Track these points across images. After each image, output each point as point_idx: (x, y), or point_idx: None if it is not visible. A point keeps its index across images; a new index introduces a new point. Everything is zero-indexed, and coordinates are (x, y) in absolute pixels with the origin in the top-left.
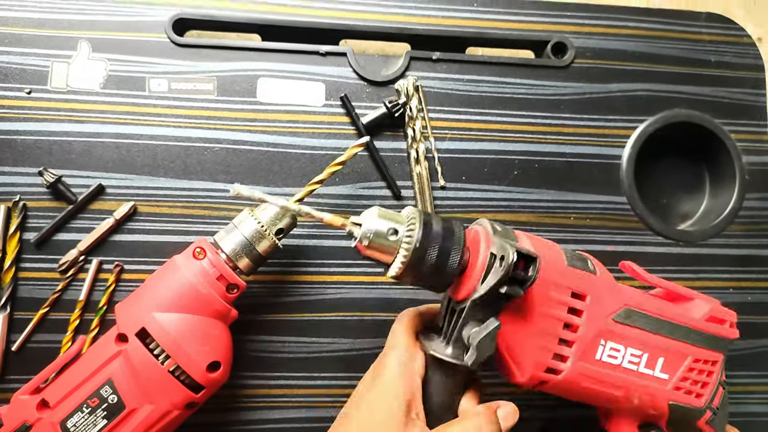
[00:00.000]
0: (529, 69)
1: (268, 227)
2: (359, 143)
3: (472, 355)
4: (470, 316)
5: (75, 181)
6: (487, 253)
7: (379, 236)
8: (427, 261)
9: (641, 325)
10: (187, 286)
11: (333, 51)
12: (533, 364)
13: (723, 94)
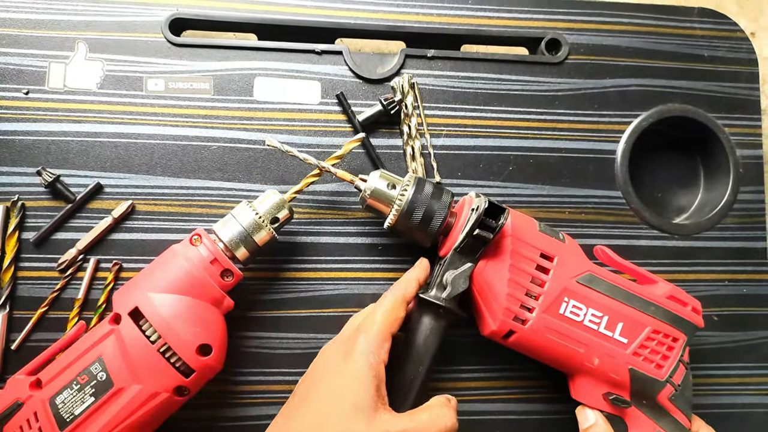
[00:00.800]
0: (523, 65)
1: (265, 218)
2: (355, 139)
3: (448, 290)
4: (451, 264)
5: (73, 181)
6: (468, 210)
7: (378, 191)
8: (414, 218)
9: (603, 289)
10: (181, 268)
11: (329, 50)
12: (503, 311)
13: (716, 88)
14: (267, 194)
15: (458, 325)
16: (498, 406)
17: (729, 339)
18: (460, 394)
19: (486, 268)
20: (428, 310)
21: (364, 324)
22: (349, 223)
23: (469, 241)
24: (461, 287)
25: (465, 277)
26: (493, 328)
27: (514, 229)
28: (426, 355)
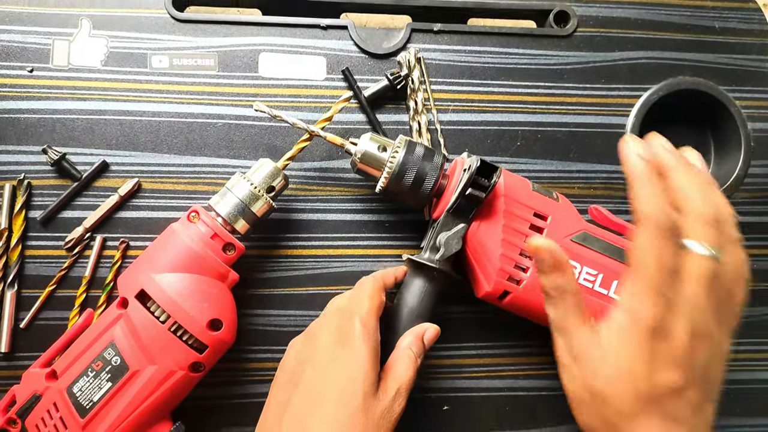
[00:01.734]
0: (531, 39)
1: (261, 188)
2: (343, 99)
3: (441, 251)
4: (444, 226)
5: (79, 159)
6: (460, 171)
7: (369, 154)
8: (406, 180)
9: (597, 248)
10: (182, 246)
11: (334, 24)
12: (497, 272)
13: (728, 60)
14: (260, 164)
15: (465, 301)
16: (507, 382)
17: (746, 314)
18: (468, 371)
19: (479, 229)
20: (421, 273)
21: (353, 307)
22: (357, 200)
23: (462, 201)
24: (454, 248)
25: (458, 238)
26: (487, 289)
27: (506, 189)
28: (420, 318)
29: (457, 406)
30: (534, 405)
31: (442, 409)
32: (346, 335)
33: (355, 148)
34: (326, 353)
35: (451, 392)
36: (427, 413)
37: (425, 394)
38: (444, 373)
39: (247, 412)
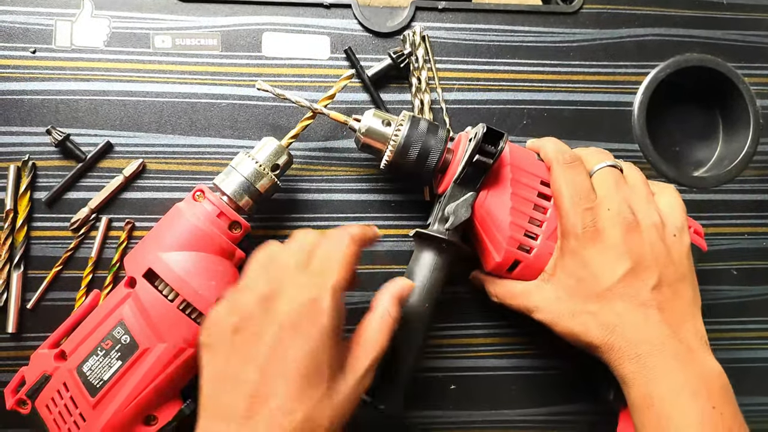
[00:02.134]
0: (537, 16)
1: (266, 166)
2: (345, 76)
3: (450, 220)
4: (451, 197)
5: (83, 140)
6: (465, 143)
7: (373, 130)
8: (410, 156)
9: None
10: (188, 225)
11: (337, 3)
12: (507, 240)
13: (736, 37)
14: (264, 142)
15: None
16: (513, 361)
17: (749, 293)
18: (475, 351)
19: (487, 198)
20: (430, 246)
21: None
22: (363, 180)
23: (469, 170)
24: (464, 216)
25: (467, 206)
26: (497, 260)
27: (512, 158)
28: (430, 293)
29: (464, 386)
30: (541, 384)
31: (449, 388)
32: (313, 310)
33: (359, 124)
34: (288, 327)
35: (457, 372)
36: (433, 393)
37: (432, 373)
38: (451, 353)
39: None
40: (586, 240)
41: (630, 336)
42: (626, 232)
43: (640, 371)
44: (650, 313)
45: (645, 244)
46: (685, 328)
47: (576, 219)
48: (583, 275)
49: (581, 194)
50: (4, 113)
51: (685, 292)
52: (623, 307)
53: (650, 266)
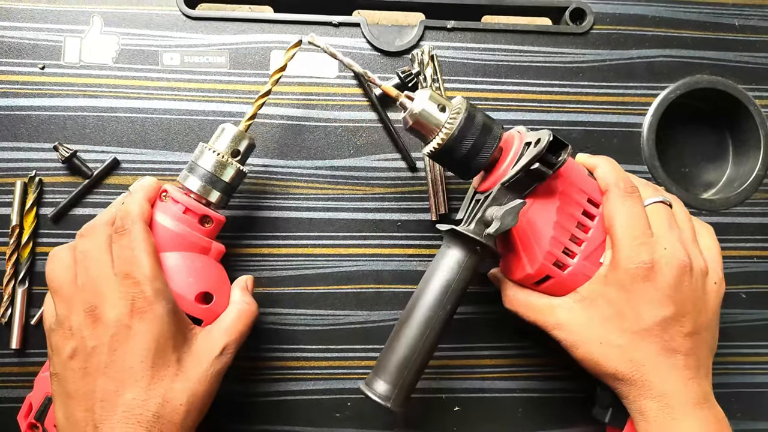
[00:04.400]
0: (546, 36)
1: (226, 155)
2: (293, 44)
3: (495, 225)
4: (495, 200)
5: (90, 156)
6: (521, 144)
7: (427, 114)
8: (461, 148)
9: None
10: (157, 227)
11: (346, 22)
12: (544, 254)
13: (747, 59)
14: (220, 130)
15: (477, 301)
16: (520, 384)
17: (758, 317)
18: (480, 372)
19: (532, 207)
20: (462, 246)
21: (132, 271)
22: (368, 199)
23: (522, 176)
24: (510, 224)
25: (515, 214)
26: (529, 271)
27: (565, 170)
28: (455, 293)
29: (469, 408)
30: (547, 407)
31: (454, 410)
32: (138, 307)
33: (412, 104)
34: (121, 330)
35: (462, 393)
36: (437, 414)
37: (436, 394)
38: (456, 374)
39: (257, 410)
40: (639, 275)
41: (655, 377)
42: (678, 275)
43: (663, 410)
44: (678, 358)
45: (690, 291)
46: (702, 373)
47: (631, 252)
48: (625, 309)
49: (639, 228)
50: (11, 129)
51: (709, 339)
52: (654, 349)
53: (689, 313)
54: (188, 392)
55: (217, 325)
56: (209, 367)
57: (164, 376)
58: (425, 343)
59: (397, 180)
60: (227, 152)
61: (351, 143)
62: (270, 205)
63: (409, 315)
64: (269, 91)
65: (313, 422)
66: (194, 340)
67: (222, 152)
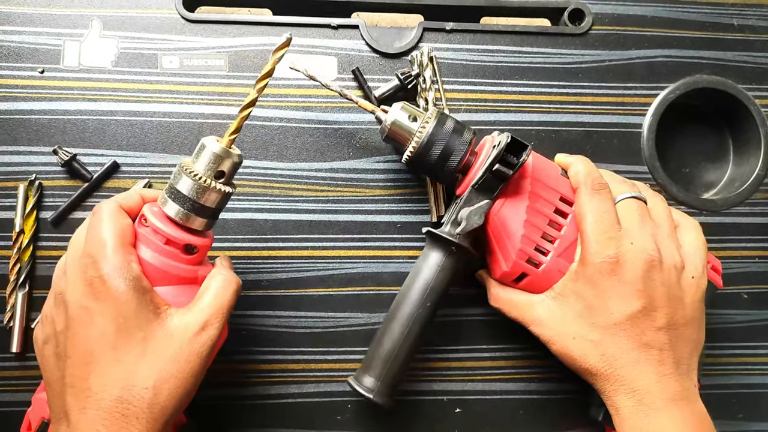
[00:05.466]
0: (545, 37)
1: (207, 177)
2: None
3: (462, 225)
4: (467, 202)
5: (90, 160)
6: (489, 148)
7: (399, 123)
8: (432, 154)
9: None
10: (141, 261)
11: (345, 24)
12: (517, 252)
13: (747, 58)
14: (200, 147)
15: (477, 304)
16: (520, 385)
17: (759, 317)
18: (481, 374)
19: (503, 207)
20: (439, 247)
21: (92, 251)
22: (368, 201)
23: (488, 177)
24: (476, 223)
25: (480, 213)
26: (505, 269)
27: (534, 170)
28: (434, 291)
29: (470, 410)
30: (549, 409)
31: (454, 412)
32: (95, 285)
33: (386, 115)
34: (80, 312)
35: (463, 395)
36: (438, 416)
37: (437, 397)
38: (456, 376)
39: (258, 413)
40: (605, 270)
41: (628, 372)
42: (646, 269)
43: (637, 406)
44: (652, 353)
45: (661, 285)
46: (681, 369)
47: (597, 247)
48: (594, 304)
49: (607, 223)
50: (11, 132)
51: (690, 335)
52: (626, 344)
53: (661, 307)
54: (155, 374)
55: (195, 302)
56: (185, 346)
57: (127, 358)
58: (407, 339)
59: (397, 182)
60: (208, 174)
61: (350, 145)
62: (269, 207)
63: (393, 313)
64: (254, 101)
65: (314, 425)
66: (166, 319)
67: (202, 174)
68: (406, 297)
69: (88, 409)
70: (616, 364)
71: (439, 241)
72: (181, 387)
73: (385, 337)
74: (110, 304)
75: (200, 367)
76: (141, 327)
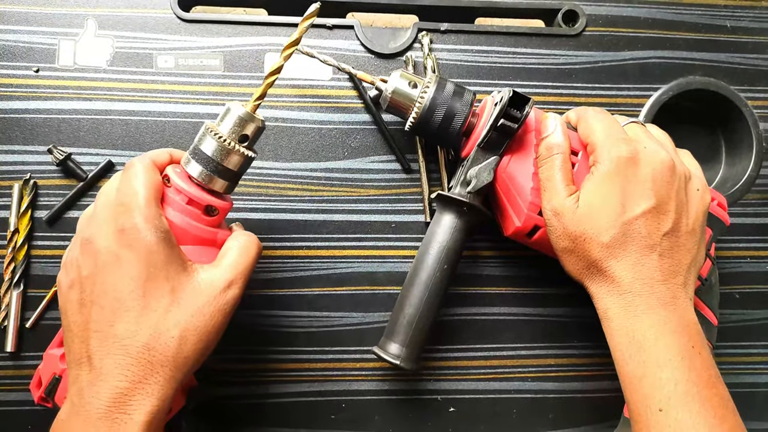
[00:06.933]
0: (539, 38)
1: (231, 140)
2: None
3: (472, 183)
4: (474, 161)
5: (84, 159)
6: (491, 107)
7: (399, 91)
8: (435, 118)
9: None
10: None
11: (340, 24)
12: (528, 204)
13: (739, 60)
14: (226, 110)
15: (472, 303)
16: (514, 384)
17: (751, 317)
18: (475, 374)
19: (510, 163)
20: (451, 209)
21: (126, 200)
22: (362, 201)
23: (493, 134)
24: (486, 179)
25: (490, 169)
26: (517, 224)
27: (538, 124)
28: (449, 253)
29: (464, 409)
30: (541, 408)
31: (448, 411)
32: (126, 233)
33: (386, 85)
34: (110, 258)
35: (457, 394)
36: (432, 415)
37: (431, 396)
38: (450, 375)
39: (252, 412)
40: (621, 165)
41: (625, 272)
42: (660, 170)
43: (625, 308)
44: (652, 257)
45: (672, 188)
46: (677, 280)
47: (612, 147)
48: (610, 200)
49: (617, 129)
50: (6, 132)
51: (690, 246)
52: (632, 244)
53: (670, 211)
54: (182, 324)
55: (221, 260)
56: (211, 301)
57: (156, 307)
58: (428, 303)
59: (392, 182)
60: (232, 137)
61: (345, 145)
62: (264, 207)
63: (411, 279)
64: (280, 68)
65: (309, 424)
66: (194, 273)
67: (226, 136)
68: (423, 262)
69: (114, 354)
70: (617, 260)
71: (451, 203)
72: (204, 341)
73: (406, 303)
74: (141, 253)
75: (221, 325)
76: (170, 278)
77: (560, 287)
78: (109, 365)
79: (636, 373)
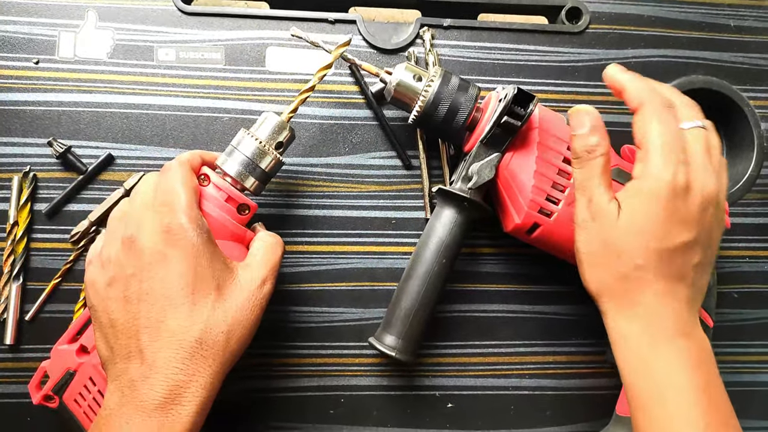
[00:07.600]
0: (542, 35)
1: (268, 144)
2: (343, 42)
3: (474, 179)
4: (476, 157)
5: (84, 152)
6: (495, 103)
7: (404, 84)
8: (439, 112)
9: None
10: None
11: (342, 19)
12: (528, 203)
13: (742, 59)
14: (263, 118)
15: (470, 300)
16: (512, 381)
17: (750, 316)
18: (473, 370)
19: (512, 160)
20: (452, 204)
21: (170, 200)
22: (363, 197)
23: (496, 131)
24: (487, 176)
25: (491, 166)
26: (517, 221)
27: (541, 121)
28: (448, 248)
29: (462, 405)
30: (538, 404)
31: (446, 407)
32: (173, 233)
33: (390, 77)
34: (158, 257)
35: (455, 390)
36: (430, 411)
37: (429, 392)
38: (449, 371)
39: (250, 407)
40: (673, 192)
41: (651, 298)
42: (707, 206)
43: (643, 333)
44: (680, 287)
45: (709, 223)
46: (695, 307)
47: (669, 167)
48: (654, 222)
49: (677, 146)
50: (5, 124)
51: (708, 273)
52: (665, 272)
53: (703, 244)
54: (229, 319)
55: (253, 259)
56: (251, 297)
57: (205, 303)
58: (425, 296)
59: (393, 178)
60: (269, 141)
61: (347, 141)
62: (264, 202)
63: (409, 272)
64: (313, 87)
65: (307, 419)
66: (235, 271)
67: (263, 141)
68: (422, 255)
69: (168, 348)
70: (645, 290)
71: (452, 198)
72: (246, 334)
73: (404, 296)
74: (189, 252)
75: (258, 318)
76: (215, 276)
77: (559, 285)
78: (163, 359)
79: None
